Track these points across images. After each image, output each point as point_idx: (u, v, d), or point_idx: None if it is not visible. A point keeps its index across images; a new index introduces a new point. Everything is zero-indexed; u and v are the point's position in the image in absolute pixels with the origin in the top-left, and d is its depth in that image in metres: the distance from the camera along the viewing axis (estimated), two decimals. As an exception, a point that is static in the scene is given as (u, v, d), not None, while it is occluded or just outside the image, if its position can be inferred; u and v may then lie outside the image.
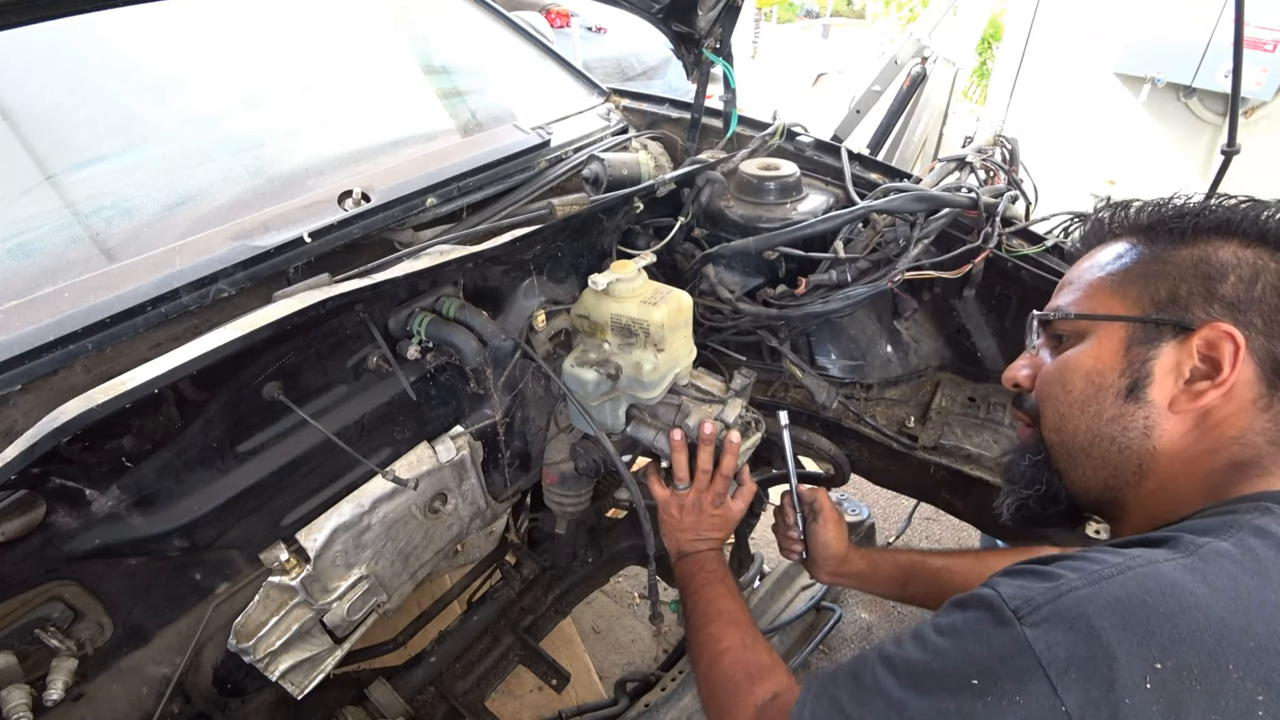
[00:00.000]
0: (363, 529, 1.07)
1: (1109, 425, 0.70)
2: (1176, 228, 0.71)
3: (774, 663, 0.93)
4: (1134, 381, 0.69)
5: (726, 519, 1.18)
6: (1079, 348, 0.74)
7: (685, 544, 1.18)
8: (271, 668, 1.03)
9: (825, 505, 1.21)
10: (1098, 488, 0.73)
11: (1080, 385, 0.73)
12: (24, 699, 0.76)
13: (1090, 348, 0.73)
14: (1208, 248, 0.68)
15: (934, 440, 1.41)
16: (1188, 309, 0.67)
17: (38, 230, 0.94)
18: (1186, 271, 0.68)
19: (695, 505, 1.17)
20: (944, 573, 1.15)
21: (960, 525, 2.58)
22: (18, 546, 0.78)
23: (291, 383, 0.96)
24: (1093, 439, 0.72)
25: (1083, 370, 0.73)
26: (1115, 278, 0.73)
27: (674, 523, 1.19)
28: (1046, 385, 0.77)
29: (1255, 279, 0.65)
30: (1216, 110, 3.27)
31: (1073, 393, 0.73)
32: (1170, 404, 0.67)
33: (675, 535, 1.19)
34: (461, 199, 1.20)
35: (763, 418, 1.23)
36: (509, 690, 1.95)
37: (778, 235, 1.34)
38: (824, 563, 1.21)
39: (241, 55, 1.32)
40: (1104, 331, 0.72)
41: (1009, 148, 1.49)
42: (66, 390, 0.80)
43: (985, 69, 5.89)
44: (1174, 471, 0.68)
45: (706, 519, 1.17)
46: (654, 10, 1.34)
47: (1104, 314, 0.73)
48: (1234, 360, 0.63)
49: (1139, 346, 0.69)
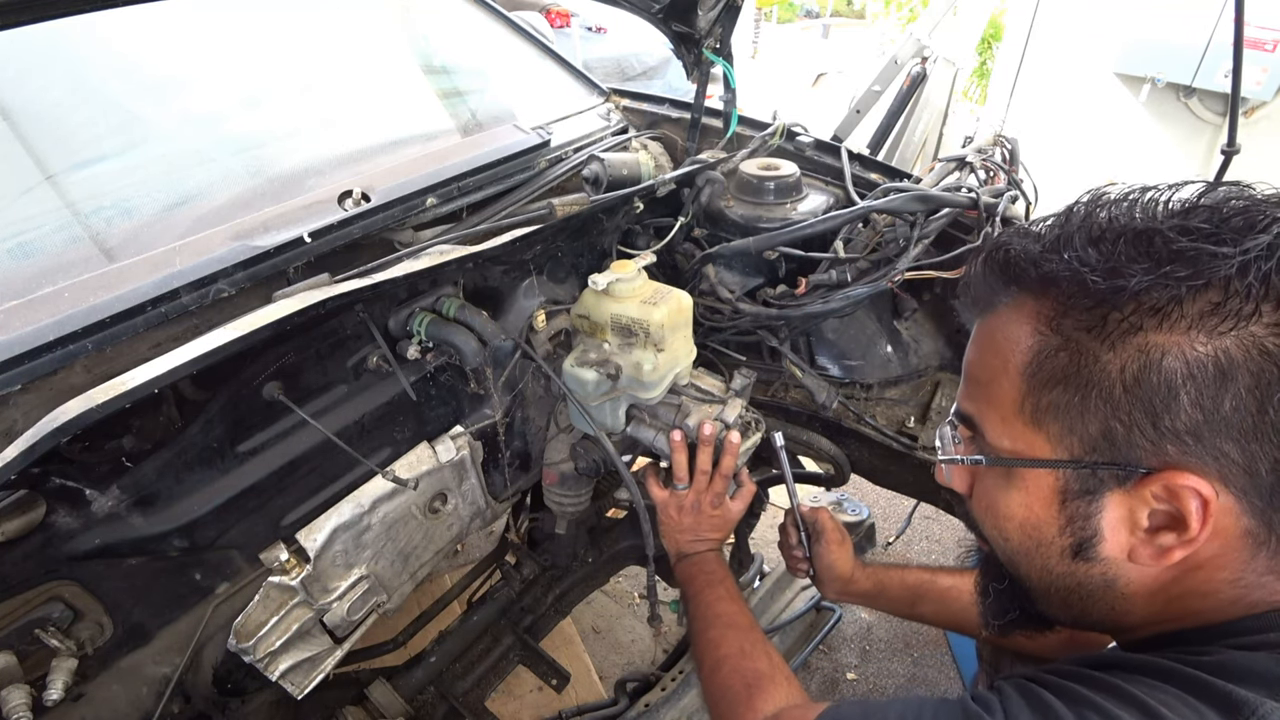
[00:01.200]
0: (363, 529, 1.07)
1: (1062, 580, 0.58)
2: (1092, 323, 0.50)
3: (774, 669, 0.91)
4: (1078, 542, 0.55)
5: (725, 520, 1.17)
6: (1005, 487, 0.59)
7: (684, 545, 1.17)
8: (271, 668, 1.03)
9: (827, 526, 1.20)
10: (1071, 622, 0.63)
11: (1017, 537, 0.60)
12: (24, 699, 0.76)
13: (1019, 494, 0.58)
14: (1144, 354, 0.48)
15: (934, 440, 1.40)
16: (1130, 446, 0.50)
17: (38, 230, 0.93)
18: (1119, 398, 0.49)
19: (694, 506, 1.16)
20: (953, 592, 1.13)
21: (960, 525, 2.58)
22: (18, 546, 0.78)
23: (291, 383, 0.96)
24: (1049, 588, 0.60)
25: (1015, 520, 0.59)
26: (1028, 401, 0.55)
27: (673, 524, 1.18)
28: (983, 520, 0.64)
29: (1221, 389, 0.46)
30: (1216, 110, 3.27)
31: (1011, 542, 0.61)
32: (1129, 555, 0.54)
33: (674, 536, 1.18)
34: (461, 199, 1.20)
35: (763, 418, 1.23)
36: (509, 690, 1.95)
37: (778, 235, 1.34)
38: (830, 583, 1.20)
39: (241, 55, 1.32)
40: (1031, 476, 0.57)
41: (1009, 148, 1.49)
42: (66, 390, 0.80)
43: (985, 69, 5.89)
44: (1159, 605, 0.56)
45: (705, 520, 1.16)
46: (654, 10, 1.34)
47: (1025, 459, 0.57)
48: (1203, 516, 0.48)
49: (1076, 500, 0.54)
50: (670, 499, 1.18)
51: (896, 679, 2.15)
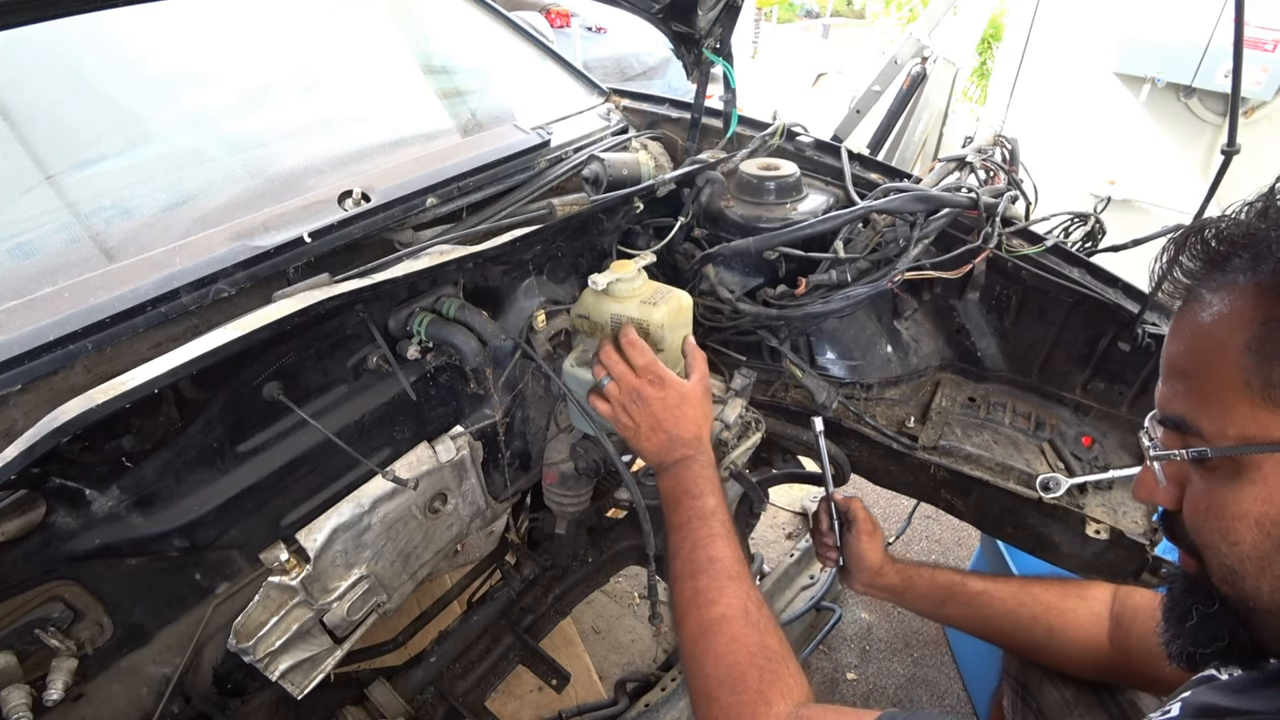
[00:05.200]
0: (363, 529, 1.07)
1: None
2: None
3: (785, 651, 0.76)
4: None
5: (686, 404, 1.00)
6: (1233, 483, 0.54)
7: (659, 452, 0.99)
8: (271, 668, 1.03)
9: (860, 515, 1.19)
10: None
11: (1252, 538, 0.53)
12: (24, 699, 0.76)
13: (1254, 488, 0.52)
14: None
15: (934, 440, 1.41)
16: None
17: (38, 230, 0.94)
18: None
19: (634, 395, 1.00)
20: (983, 597, 1.11)
21: (960, 525, 2.58)
22: (18, 546, 0.78)
23: (291, 383, 0.96)
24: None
25: (1250, 518, 0.53)
26: (1256, 377, 0.51)
27: (630, 430, 1.02)
28: (1201, 528, 0.58)
29: None
30: (1216, 110, 3.27)
31: (1241, 546, 0.54)
32: None
33: (641, 446, 1.02)
34: (461, 199, 1.20)
35: (763, 417, 1.23)
36: (509, 690, 1.95)
37: (778, 235, 1.34)
38: (859, 574, 1.18)
39: (241, 55, 1.32)
40: (1269, 462, 0.51)
41: (1009, 148, 1.49)
42: (66, 390, 0.80)
43: (985, 69, 5.89)
44: None
45: (663, 410, 0.99)
46: (654, 10, 1.34)
47: (1262, 443, 0.51)
48: None
49: None
50: (607, 404, 1.03)
51: (896, 679, 2.14)
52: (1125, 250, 1.47)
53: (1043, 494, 1.28)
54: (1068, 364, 1.43)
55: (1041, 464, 1.34)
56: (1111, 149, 3.57)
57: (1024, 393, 1.49)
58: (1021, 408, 1.45)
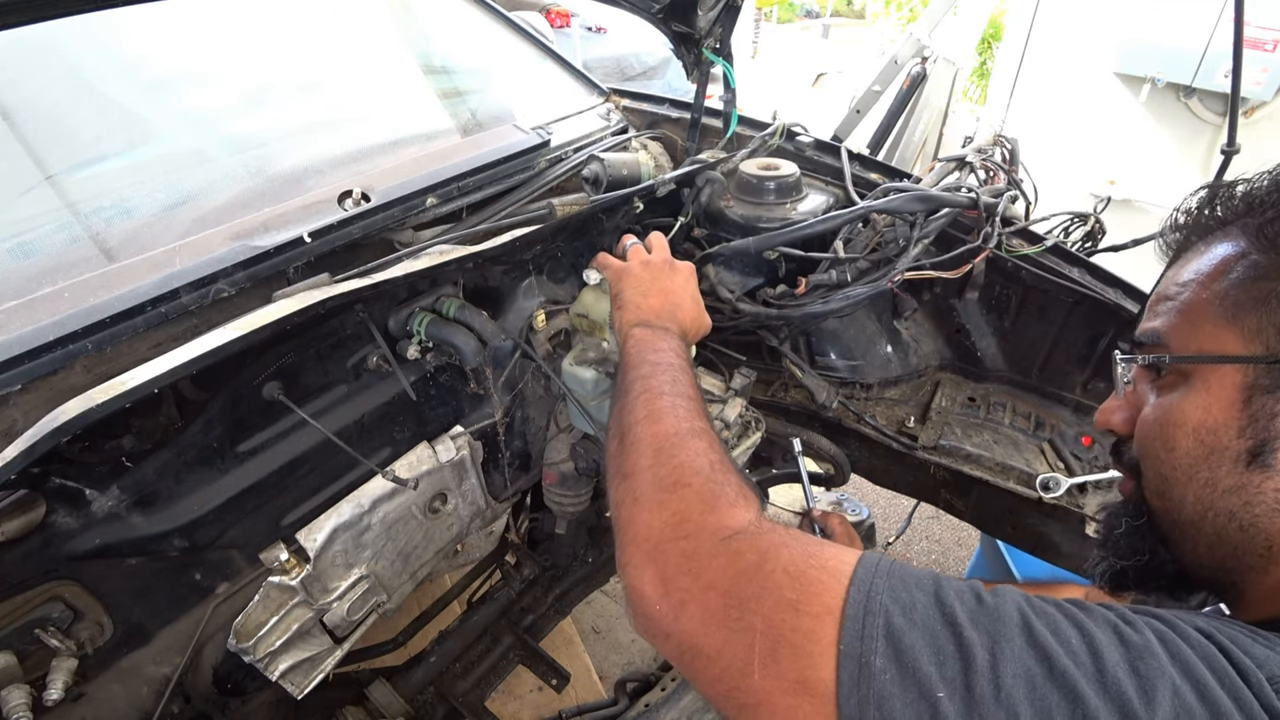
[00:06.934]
0: (363, 529, 1.07)
1: (1226, 498, 0.54)
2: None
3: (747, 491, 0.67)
4: (1258, 444, 0.52)
5: (691, 300, 0.99)
6: (1181, 393, 0.58)
7: (654, 309, 0.94)
8: (271, 668, 1.03)
9: (837, 532, 1.20)
10: (1211, 566, 0.58)
11: (1186, 444, 0.57)
12: (24, 699, 0.76)
13: (1197, 396, 0.56)
14: None
15: (934, 440, 1.41)
16: None
17: (38, 230, 0.94)
18: None
19: (645, 264, 1.00)
20: None
21: (960, 525, 2.58)
22: (18, 546, 0.78)
23: (291, 383, 0.96)
24: (1204, 512, 0.56)
25: (1189, 425, 0.57)
26: (1225, 300, 0.56)
27: (635, 282, 0.98)
28: (1145, 437, 0.62)
29: None
30: (1216, 110, 3.27)
31: (1176, 453, 0.57)
32: None
33: (640, 303, 0.95)
34: (461, 199, 1.20)
35: (763, 417, 1.23)
36: (509, 690, 1.95)
37: (778, 235, 1.34)
38: None
39: (241, 55, 1.32)
40: (1215, 375, 0.55)
41: (1009, 148, 1.49)
42: (66, 390, 0.80)
43: (985, 69, 5.89)
44: None
45: (673, 283, 0.98)
46: (654, 10, 1.34)
47: (1213, 354, 0.56)
48: None
49: (1264, 396, 0.52)
50: (623, 265, 1.02)
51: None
52: (1125, 250, 1.47)
53: (1043, 494, 1.28)
54: (1068, 364, 1.43)
55: (1041, 464, 1.34)
56: (1111, 149, 3.57)
57: (1024, 392, 1.49)
58: (1021, 407, 1.45)
